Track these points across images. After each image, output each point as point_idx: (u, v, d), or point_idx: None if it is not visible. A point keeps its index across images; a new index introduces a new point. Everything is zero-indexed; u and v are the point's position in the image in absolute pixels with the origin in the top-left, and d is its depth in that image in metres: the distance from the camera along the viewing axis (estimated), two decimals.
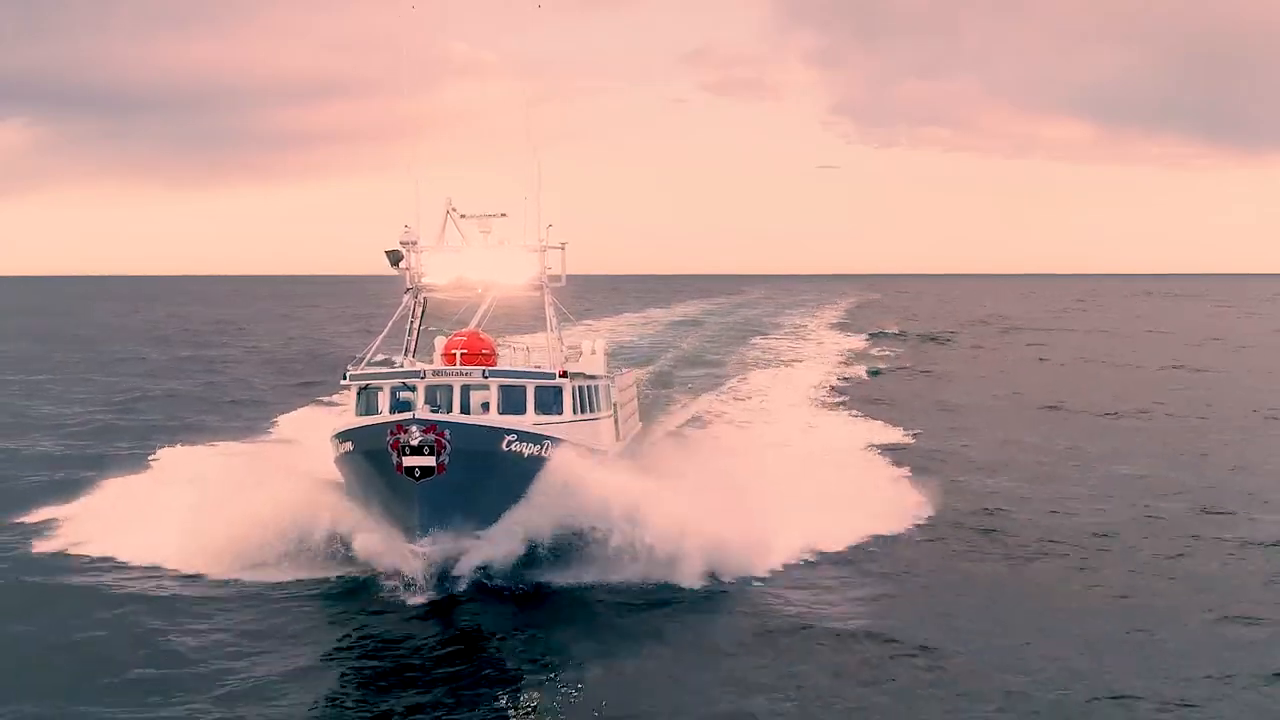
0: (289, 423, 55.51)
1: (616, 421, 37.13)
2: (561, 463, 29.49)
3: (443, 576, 28.31)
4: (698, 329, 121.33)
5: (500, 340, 36.90)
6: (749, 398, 66.30)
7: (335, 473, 30.75)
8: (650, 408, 54.05)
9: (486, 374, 32.52)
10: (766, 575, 30.19)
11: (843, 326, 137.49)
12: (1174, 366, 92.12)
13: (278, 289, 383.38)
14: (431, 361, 35.54)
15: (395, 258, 36.48)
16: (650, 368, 76.38)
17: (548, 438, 29.80)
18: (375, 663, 25.09)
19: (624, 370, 42.16)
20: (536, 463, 29.23)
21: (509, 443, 28.79)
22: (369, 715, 22.50)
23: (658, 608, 28.37)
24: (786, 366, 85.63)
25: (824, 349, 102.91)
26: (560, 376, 32.59)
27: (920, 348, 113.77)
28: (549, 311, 36.49)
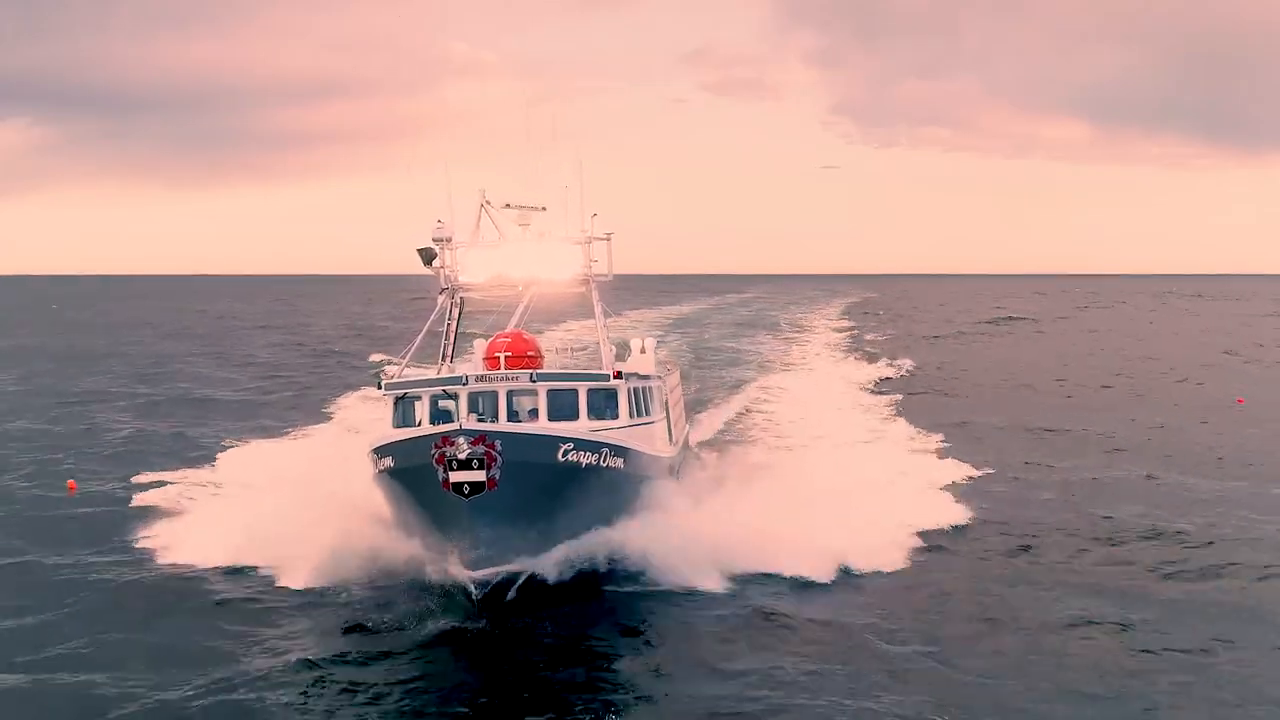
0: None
1: (669, 424, 34.97)
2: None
3: (495, 599, 26.04)
4: (701, 327, 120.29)
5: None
6: (771, 398, 64.81)
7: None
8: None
9: (534, 377, 30.22)
10: (812, 580, 28.68)
11: (844, 325, 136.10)
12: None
13: (283, 288, 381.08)
14: (469, 366, 33.44)
15: (428, 256, 33.98)
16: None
17: (606, 445, 27.59)
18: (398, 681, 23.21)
19: (670, 368, 39.94)
20: (595, 473, 27.10)
21: (565, 452, 26.44)
22: None
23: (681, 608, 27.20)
24: (798, 365, 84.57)
25: (826, 346, 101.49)
26: (615, 378, 30.40)
27: (926, 346, 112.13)
28: (596, 309, 34.09)
